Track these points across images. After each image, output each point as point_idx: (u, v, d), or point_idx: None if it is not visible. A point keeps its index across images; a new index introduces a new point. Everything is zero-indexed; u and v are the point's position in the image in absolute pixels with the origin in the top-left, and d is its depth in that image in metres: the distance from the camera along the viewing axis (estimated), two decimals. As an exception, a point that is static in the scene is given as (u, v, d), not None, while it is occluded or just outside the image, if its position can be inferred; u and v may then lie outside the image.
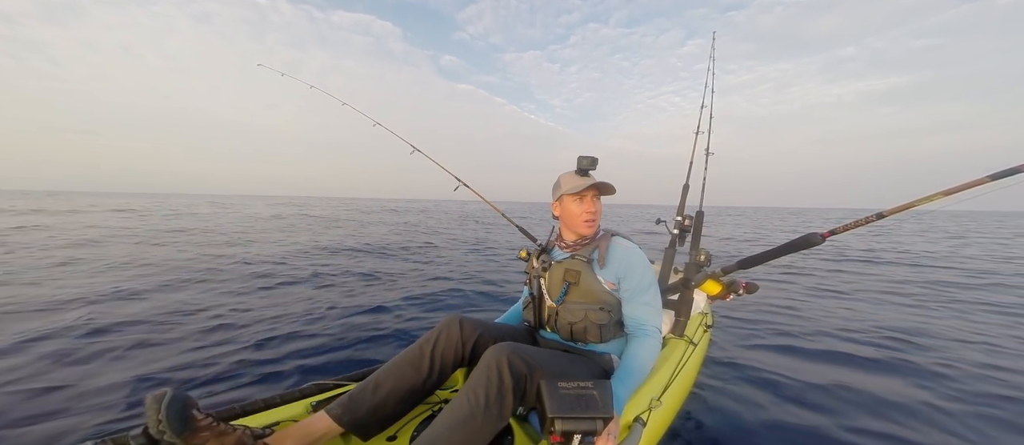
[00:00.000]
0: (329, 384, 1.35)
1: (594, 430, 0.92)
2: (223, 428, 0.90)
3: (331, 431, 1.06)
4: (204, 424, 0.87)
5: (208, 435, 0.87)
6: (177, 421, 0.82)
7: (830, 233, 1.46)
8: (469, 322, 1.25)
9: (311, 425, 1.05)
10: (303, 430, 1.03)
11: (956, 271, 5.77)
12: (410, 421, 1.30)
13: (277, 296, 3.72)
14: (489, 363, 0.97)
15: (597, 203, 1.31)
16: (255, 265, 5.21)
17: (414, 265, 5.71)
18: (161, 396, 0.83)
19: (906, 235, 12.13)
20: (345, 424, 1.06)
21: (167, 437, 0.81)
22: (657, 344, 1.24)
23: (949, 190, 1.19)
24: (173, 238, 7.88)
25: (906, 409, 1.89)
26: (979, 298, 4.04)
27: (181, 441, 0.83)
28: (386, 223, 14.35)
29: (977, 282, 4.90)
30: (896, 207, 1.30)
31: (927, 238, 11.22)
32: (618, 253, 1.29)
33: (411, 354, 1.18)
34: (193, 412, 0.87)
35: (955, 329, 3.04)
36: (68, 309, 3.09)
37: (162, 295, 3.60)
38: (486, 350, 1.03)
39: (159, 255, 5.81)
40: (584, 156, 1.28)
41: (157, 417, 0.80)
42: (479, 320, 1.30)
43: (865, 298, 4.07)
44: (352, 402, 1.08)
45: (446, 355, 1.19)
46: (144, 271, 4.65)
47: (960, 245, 9.44)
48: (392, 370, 1.15)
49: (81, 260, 5.22)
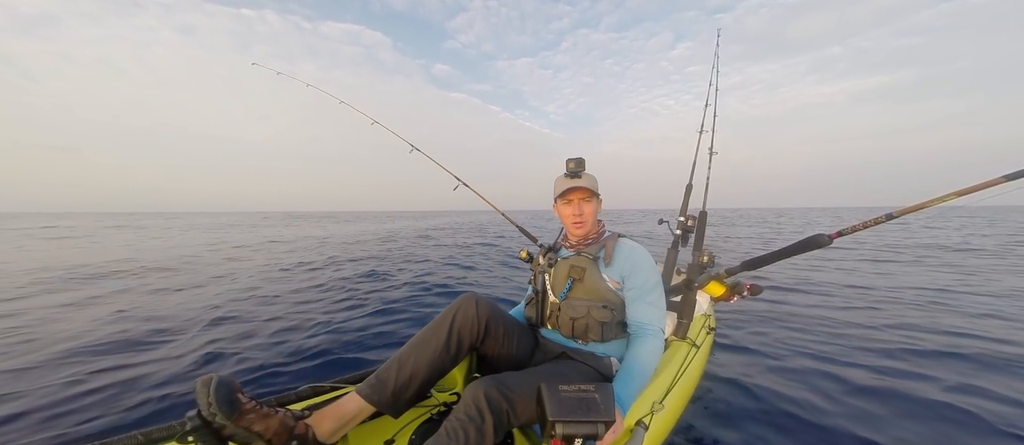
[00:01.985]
0: (325, 387, 1.34)
1: (596, 434, 0.90)
2: (267, 411, 0.95)
3: (363, 411, 1.11)
4: (249, 407, 0.92)
5: (254, 417, 0.91)
6: (226, 404, 0.86)
7: (838, 234, 1.43)
8: (483, 302, 1.28)
9: (343, 406, 1.10)
10: (338, 410, 1.08)
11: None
12: (408, 424, 1.28)
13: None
14: (468, 401, 0.99)
15: (586, 205, 1.32)
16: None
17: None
18: (209, 380, 0.86)
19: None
20: (375, 403, 1.11)
21: (218, 419, 0.86)
22: (660, 345, 1.23)
23: (962, 190, 1.16)
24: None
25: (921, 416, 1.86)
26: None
27: (231, 423, 0.87)
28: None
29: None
30: (907, 208, 1.28)
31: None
32: (624, 252, 1.30)
33: (431, 332, 1.21)
34: (238, 396, 0.91)
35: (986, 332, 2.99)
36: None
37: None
38: (469, 385, 1.05)
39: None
40: (571, 158, 1.31)
41: (207, 400, 0.84)
42: (493, 304, 1.32)
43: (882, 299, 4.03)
44: (379, 382, 1.12)
45: (463, 332, 1.22)
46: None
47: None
48: (413, 350, 1.17)
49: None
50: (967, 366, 2.35)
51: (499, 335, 1.29)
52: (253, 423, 0.91)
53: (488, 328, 1.26)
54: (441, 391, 1.41)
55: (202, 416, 0.87)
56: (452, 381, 1.47)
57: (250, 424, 0.90)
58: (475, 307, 1.24)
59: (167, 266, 6.64)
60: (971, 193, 1.14)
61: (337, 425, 1.07)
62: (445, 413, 1.33)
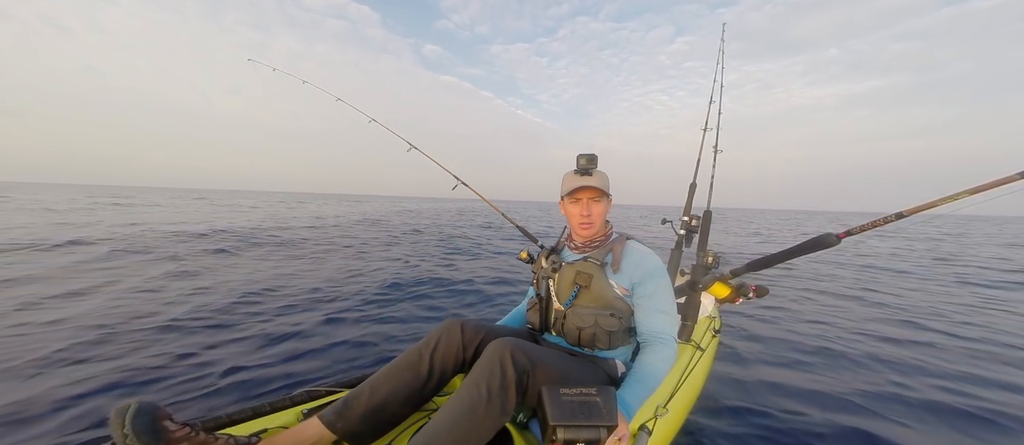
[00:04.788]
0: (321, 391, 1.31)
1: (598, 438, 0.88)
2: (203, 439, 0.84)
3: (323, 438, 1.00)
4: (180, 435, 0.81)
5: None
6: (146, 435, 0.76)
7: (846, 233, 1.41)
8: (471, 326, 1.20)
9: (301, 432, 1.00)
10: (293, 437, 0.98)
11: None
12: (406, 429, 1.26)
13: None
14: (491, 356, 0.95)
15: (595, 206, 1.25)
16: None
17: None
18: (125, 409, 0.77)
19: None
20: (338, 431, 1.01)
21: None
22: (672, 354, 1.18)
23: (975, 188, 1.13)
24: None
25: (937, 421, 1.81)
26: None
27: None
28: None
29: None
30: (917, 206, 1.24)
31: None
32: (634, 258, 1.24)
33: (409, 358, 1.13)
34: (164, 423, 0.81)
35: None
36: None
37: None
38: (489, 344, 1.01)
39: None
40: (582, 154, 1.22)
41: (123, 431, 0.75)
42: (481, 323, 1.25)
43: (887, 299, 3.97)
44: (346, 407, 1.03)
45: (446, 360, 1.14)
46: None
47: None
48: (389, 375, 1.10)
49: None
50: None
51: None
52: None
53: (479, 351, 1.17)
54: (442, 396, 1.38)
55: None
56: (452, 386, 1.45)
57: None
58: (461, 334, 1.16)
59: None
60: (985, 191, 1.10)
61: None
62: None
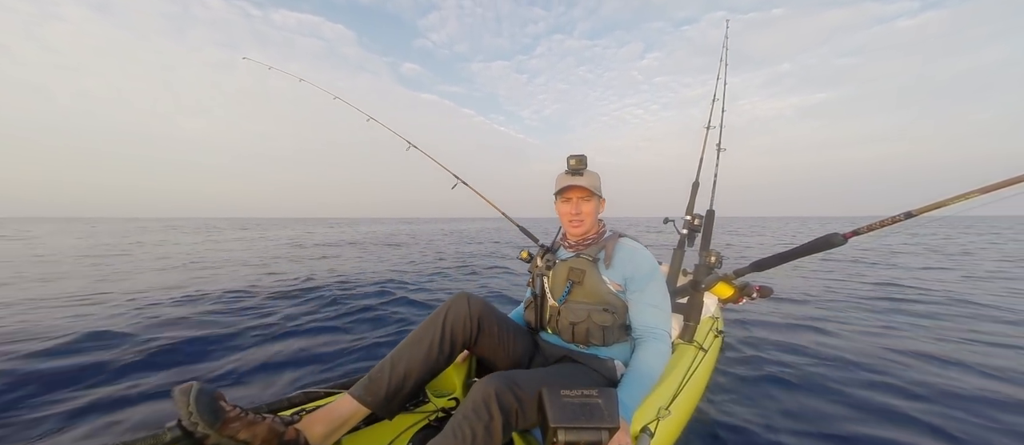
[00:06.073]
0: (319, 392, 1.32)
1: (599, 440, 0.87)
2: (253, 418, 0.92)
3: (356, 413, 1.08)
4: (234, 415, 0.89)
5: (239, 425, 0.88)
6: (208, 413, 0.84)
7: (853, 233, 1.39)
8: (476, 300, 1.26)
9: (336, 409, 1.07)
10: (329, 414, 1.05)
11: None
12: (405, 431, 1.25)
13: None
14: (476, 398, 0.95)
15: (584, 205, 1.29)
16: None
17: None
18: (189, 389, 0.84)
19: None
20: (368, 404, 1.08)
21: (201, 428, 0.83)
22: (667, 348, 1.19)
23: (986, 188, 1.11)
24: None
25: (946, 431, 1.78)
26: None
27: (214, 432, 0.85)
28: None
29: None
30: (927, 206, 1.22)
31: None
32: (625, 254, 1.26)
33: (424, 331, 1.19)
34: (221, 403, 0.89)
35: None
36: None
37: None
38: (476, 383, 1.02)
39: None
40: (573, 155, 1.28)
41: (188, 410, 0.82)
42: (487, 303, 1.30)
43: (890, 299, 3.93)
44: (372, 383, 1.10)
45: (456, 329, 1.20)
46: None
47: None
48: (406, 349, 1.16)
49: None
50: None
51: (494, 333, 1.26)
52: (238, 431, 0.88)
53: (482, 325, 1.24)
54: (439, 396, 1.37)
55: (183, 426, 0.84)
56: (450, 386, 1.43)
57: (235, 432, 0.88)
58: (467, 305, 1.23)
59: None
60: (997, 190, 1.08)
61: (329, 429, 1.03)
62: (444, 419, 1.29)
